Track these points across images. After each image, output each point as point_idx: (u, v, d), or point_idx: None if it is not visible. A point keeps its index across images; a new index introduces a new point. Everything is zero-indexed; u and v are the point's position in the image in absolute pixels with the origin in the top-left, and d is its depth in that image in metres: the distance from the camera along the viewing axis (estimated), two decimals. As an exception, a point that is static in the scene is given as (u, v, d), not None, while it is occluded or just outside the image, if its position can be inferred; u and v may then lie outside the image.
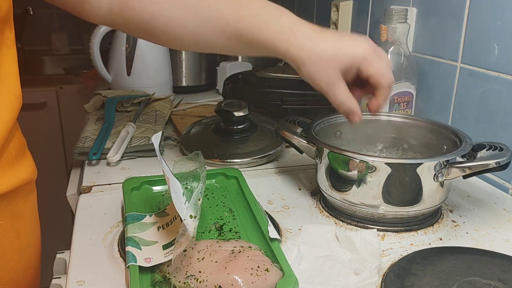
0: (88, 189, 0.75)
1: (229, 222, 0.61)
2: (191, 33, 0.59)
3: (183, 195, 0.54)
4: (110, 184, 0.76)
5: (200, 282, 0.48)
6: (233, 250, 0.52)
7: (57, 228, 1.27)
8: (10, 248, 0.52)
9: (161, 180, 0.69)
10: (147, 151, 0.88)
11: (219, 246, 0.53)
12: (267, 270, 0.49)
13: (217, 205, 0.65)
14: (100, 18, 0.62)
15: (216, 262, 0.50)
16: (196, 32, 0.59)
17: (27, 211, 0.56)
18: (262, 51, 0.59)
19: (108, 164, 0.84)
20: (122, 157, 0.85)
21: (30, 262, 0.57)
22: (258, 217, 0.59)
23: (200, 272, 0.49)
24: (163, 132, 0.63)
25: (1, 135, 0.47)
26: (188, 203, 0.53)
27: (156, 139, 0.59)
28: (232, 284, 0.47)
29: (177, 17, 0.58)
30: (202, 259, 0.50)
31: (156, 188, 0.68)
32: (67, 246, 0.61)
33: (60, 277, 0.60)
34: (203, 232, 0.59)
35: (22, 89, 0.50)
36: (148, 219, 0.59)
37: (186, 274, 0.49)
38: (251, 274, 0.48)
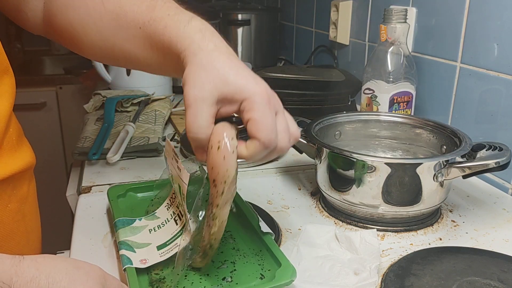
0: (88, 189, 0.75)
1: None
2: (106, 40, 0.56)
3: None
4: (110, 184, 0.76)
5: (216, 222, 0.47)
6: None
7: (57, 228, 1.27)
8: (18, 231, 0.53)
9: (146, 187, 0.69)
10: (147, 151, 0.88)
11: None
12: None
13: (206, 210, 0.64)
14: (37, 29, 0.61)
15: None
16: (111, 39, 0.56)
17: (31, 196, 0.57)
18: (170, 56, 0.51)
19: (107, 164, 0.84)
20: (121, 157, 0.85)
21: (35, 245, 0.58)
22: (248, 215, 0.59)
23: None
24: (175, 133, 0.63)
25: (5, 119, 0.48)
26: (190, 203, 0.53)
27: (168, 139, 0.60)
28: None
29: (93, 22, 0.56)
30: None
31: (141, 195, 0.68)
32: (67, 246, 0.61)
33: (59, 277, 0.60)
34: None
35: (22, 89, 0.52)
36: (138, 223, 0.58)
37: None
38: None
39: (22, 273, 0.36)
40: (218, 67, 0.46)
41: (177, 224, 0.56)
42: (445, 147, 0.71)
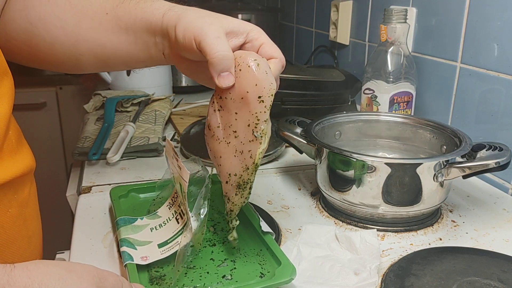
0: (88, 189, 0.75)
1: (219, 222, 0.62)
2: (69, 33, 0.56)
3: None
4: (110, 184, 0.76)
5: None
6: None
7: (57, 228, 1.27)
8: (19, 235, 0.53)
9: (148, 188, 0.69)
10: (147, 151, 0.88)
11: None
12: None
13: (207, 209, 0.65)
14: None
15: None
16: (75, 31, 0.56)
17: (32, 200, 0.56)
18: (140, 33, 0.54)
19: (107, 164, 0.84)
20: (121, 157, 0.85)
21: (36, 249, 0.58)
22: (249, 215, 0.60)
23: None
24: (175, 133, 0.63)
25: (5, 121, 0.48)
26: (191, 203, 0.53)
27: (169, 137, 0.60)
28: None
29: (56, 17, 0.56)
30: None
31: (143, 195, 0.69)
32: (67, 246, 0.61)
33: (60, 277, 0.60)
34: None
35: (22, 89, 0.52)
36: (139, 222, 0.59)
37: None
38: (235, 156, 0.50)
39: (15, 282, 0.36)
40: (214, 12, 0.51)
41: (178, 223, 0.56)
42: (445, 147, 0.71)
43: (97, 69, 0.62)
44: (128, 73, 1.25)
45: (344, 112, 0.80)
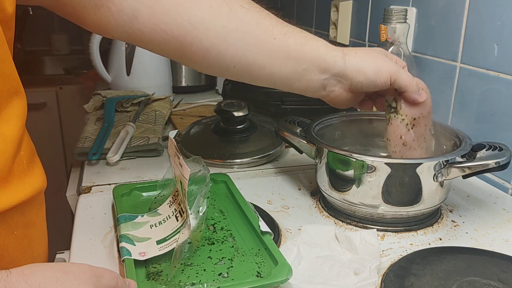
0: (88, 189, 0.75)
1: (220, 221, 0.62)
2: (231, 45, 0.56)
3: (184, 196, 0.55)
4: (109, 184, 0.76)
5: None
6: None
7: (57, 228, 1.27)
8: (23, 256, 0.51)
9: (151, 186, 0.70)
10: (147, 151, 0.88)
11: None
12: None
13: (207, 207, 0.66)
14: (117, 26, 0.55)
15: None
16: (237, 45, 0.56)
17: (39, 220, 0.54)
18: (310, 67, 0.59)
19: (107, 164, 0.84)
20: (121, 157, 0.85)
21: None
22: (249, 215, 0.60)
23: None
24: (178, 132, 0.63)
25: (14, 144, 0.46)
26: (191, 201, 0.54)
27: (172, 135, 0.61)
28: None
29: (220, 25, 0.55)
30: None
31: (146, 194, 0.69)
32: (67, 246, 0.61)
33: (59, 277, 0.60)
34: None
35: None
36: (140, 219, 0.60)
37: None
38: None
39: (12, 287, 0.36)
40: (376, 53, 0.63)
41: (177, 220, 0.57)
42: (445, 147, 0.71)
43: (240, 79, 0.62)
44: (128, 73, 1.25)
45: (344, 112, 0.80)
